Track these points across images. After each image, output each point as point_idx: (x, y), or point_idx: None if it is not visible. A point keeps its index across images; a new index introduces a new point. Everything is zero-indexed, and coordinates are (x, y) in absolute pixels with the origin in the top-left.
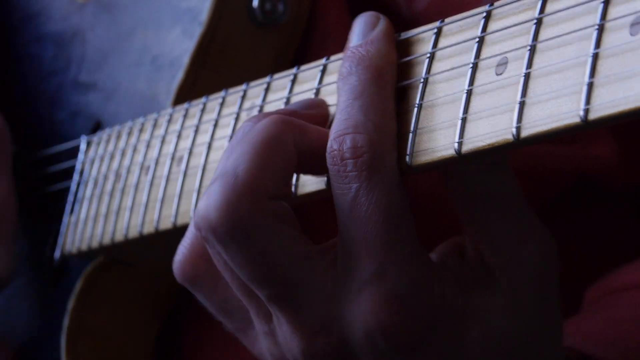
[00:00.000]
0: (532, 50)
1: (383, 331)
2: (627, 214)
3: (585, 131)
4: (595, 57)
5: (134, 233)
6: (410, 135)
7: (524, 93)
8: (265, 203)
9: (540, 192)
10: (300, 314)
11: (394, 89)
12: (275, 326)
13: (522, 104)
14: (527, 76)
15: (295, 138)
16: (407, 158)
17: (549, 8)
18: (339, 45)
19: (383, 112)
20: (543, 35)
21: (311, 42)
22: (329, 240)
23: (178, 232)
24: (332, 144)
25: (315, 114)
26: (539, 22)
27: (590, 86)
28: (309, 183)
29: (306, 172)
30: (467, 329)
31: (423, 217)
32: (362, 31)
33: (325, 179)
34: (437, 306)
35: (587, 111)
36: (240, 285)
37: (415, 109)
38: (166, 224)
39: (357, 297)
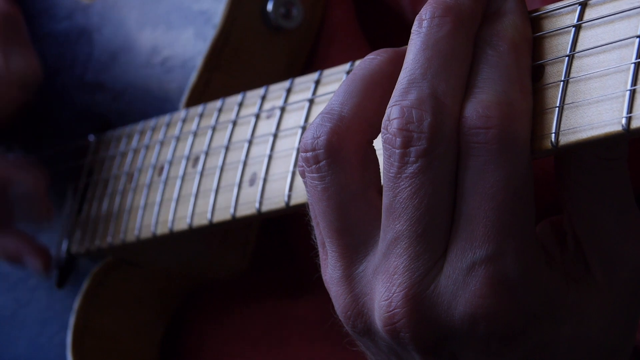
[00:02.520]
0: None
1: (486, 318)
2: None
3: None
4: None
5: (147, 234)
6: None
7: None
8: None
9: (542, 194)
10: (413, 270)
11: (530, 65)
12: (363, 273)
13: None
14: None
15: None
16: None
17: None
18: (344, 48)
19: (520, 87)
20: None
21: (317, 45)
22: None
23: (191, 234)
24: (462, 112)
25: None
26: None
27: None
28: None
29: None
30: (563, 324)
31: None
32: (492, 0)
33: None
34: (542, 297)
35: None
36: (333, 224)
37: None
38: (181, 225)
39: (464, 277)
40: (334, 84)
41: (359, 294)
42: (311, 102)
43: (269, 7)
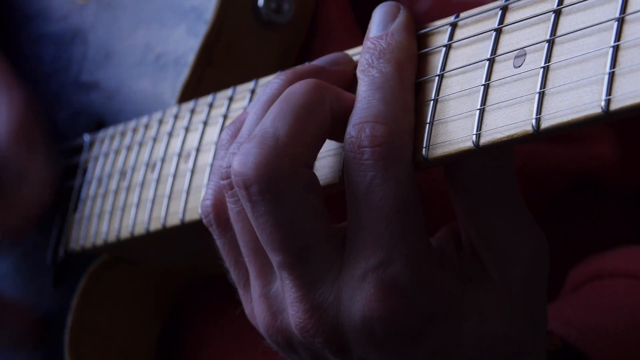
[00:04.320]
0: (551, 42)
1: (382, 320)
2: (626, 216)
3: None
4: (617, 48)
5: (140, 230)
6: (427, 127)
7: (544, 84)
8: (302, 169)
9: (538, 193)
10: (308, 286)
11: (413, 82)
12: (276, 291)
13: (541, 95)
14: (546, 68)
15: (332, 105)
16: (424, 151)
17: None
18: (341, 42)
19: (403, 105)
20: (562, 27)
21: (313, 40)
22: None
23: (184, 229)
24: (350, 131)
25: (342, 70)
26: (557, 13)
27: (612, 77)
28: (321, 176)
29: (334, 138)
30: (463, 322)
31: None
32: (382, 22)
33: (338, 172)
34: (437, 298)
35: (608, 101)
36: (249, 244)
37: (432, 103)
38: (174, 220)
39: (360, 284)
40: None
41: (277, 311)
42: None
43: (260, 2)
